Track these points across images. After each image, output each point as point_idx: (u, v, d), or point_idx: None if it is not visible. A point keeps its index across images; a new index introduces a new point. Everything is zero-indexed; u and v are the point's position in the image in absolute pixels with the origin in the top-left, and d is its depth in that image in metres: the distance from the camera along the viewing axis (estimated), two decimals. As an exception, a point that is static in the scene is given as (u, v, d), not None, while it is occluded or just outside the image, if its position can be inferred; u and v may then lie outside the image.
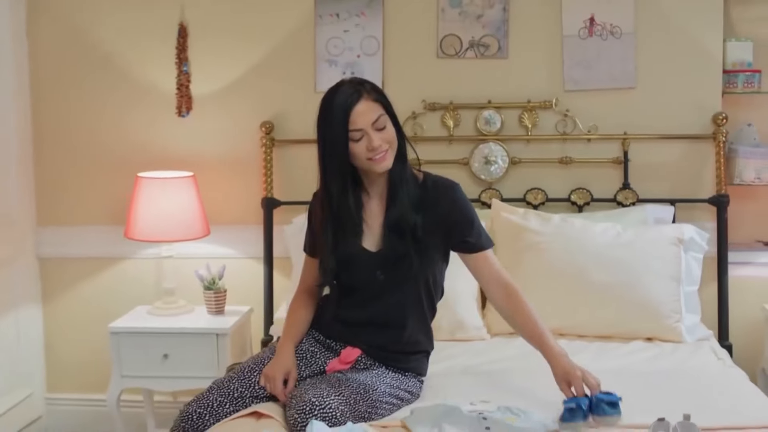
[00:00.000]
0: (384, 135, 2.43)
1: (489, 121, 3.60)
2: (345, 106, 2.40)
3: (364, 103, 2.42)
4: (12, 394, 3.68)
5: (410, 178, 2.56)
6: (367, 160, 2.44)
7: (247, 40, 3.70)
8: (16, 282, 3.74)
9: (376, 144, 2.41)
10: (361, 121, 2.40)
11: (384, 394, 2.42)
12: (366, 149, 2.41)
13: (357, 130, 2.40)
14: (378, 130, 2.42)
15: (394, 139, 2.47)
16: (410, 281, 2.53)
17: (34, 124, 3.82)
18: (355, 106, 2.41)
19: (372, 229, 2.56)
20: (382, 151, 2.43)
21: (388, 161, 2.46)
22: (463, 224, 2.56)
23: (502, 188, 3.61)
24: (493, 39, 3.59)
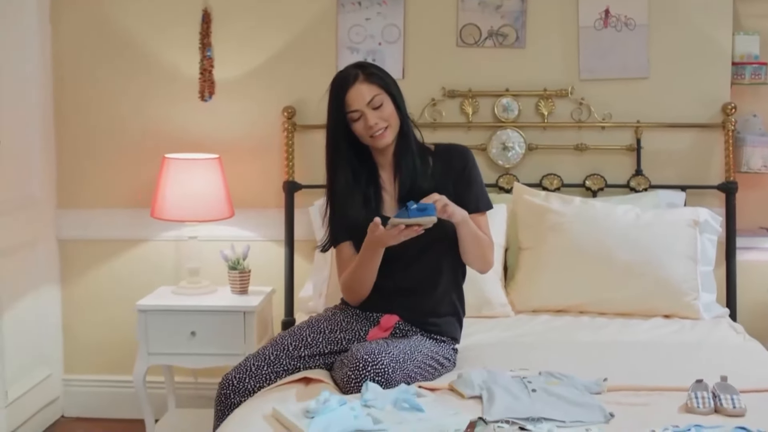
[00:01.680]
0: (380, 113, 2.60)
1: (507, 109, 3.71)
2: (341, 89, 2.62)
3: (359, 85, 2.62)
4: (31, 375, 3.70)
5: (417, 150, 2.70)
6: (369, 138, 2.62)
7: (270, 27, 3.77)
8: (37, 264, 3.76)
9: (371, 123, 2.59)
10: (356, 102, 2.60)
11: (426, 357, 2.51)
12: (364, 128, 2.59)
13: (354, 111, 2.60)
14: (374, 109, 2.60)
15: (392, 117, 2.64)
16: (436, 243, 2.62)
17: (57, 108, 3.86)
18: (349, 88, 2.61)
19: (392, 196, 2.69)
20: (379, 128, 2.60)
21: (388, 138, 2.64)
22: (469, 181, 2.70)
23: (519, 173, 3.71)
24: (512, 29, 3.70)
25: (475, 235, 2.61)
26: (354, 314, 2.70)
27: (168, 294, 3.59)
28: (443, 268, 2.67)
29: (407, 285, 2.66)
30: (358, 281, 2.64)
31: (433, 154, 2.74)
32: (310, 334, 2.62)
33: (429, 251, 2.63)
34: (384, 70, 2.72)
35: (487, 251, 2.67)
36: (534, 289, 3.28)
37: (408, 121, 2.71)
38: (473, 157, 2.77)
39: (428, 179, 2.66)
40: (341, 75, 2.66)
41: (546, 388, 2.33)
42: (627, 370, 2.56)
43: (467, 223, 2.57)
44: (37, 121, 3.74)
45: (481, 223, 2.69)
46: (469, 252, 2.63)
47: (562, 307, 3.26)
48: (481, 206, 2.71)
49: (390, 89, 2.66)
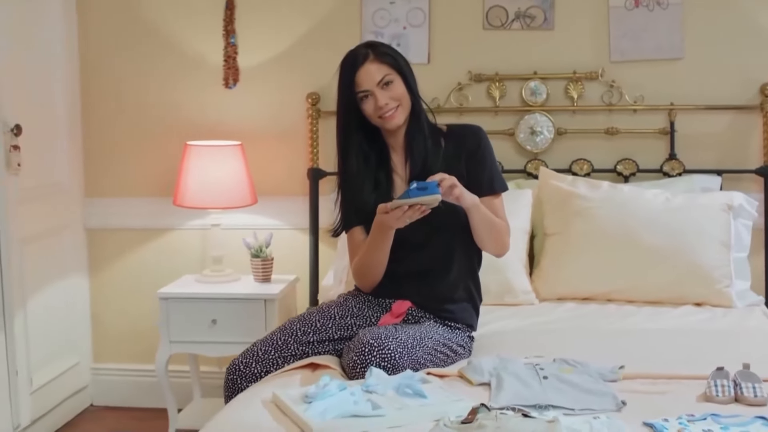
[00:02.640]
0: (390, 93, 2.53)
1: (535, 92, 3.61)
2: (351, 69, 2.55)
3: (369, 65, 2.55)
4: (59, 362, 3.72)
5: (428, 132, 2.63)
6: (378, 118, 2.55)
7: (293, 12, 3.73)
8: (64, 252, 3.78)
9: (381, 103, 2.52)
10: (366, 82, 2.53)
11: (438, 344, 2.44)
12: (374, 108, 2.52)
13: (363, 91, 2.53)
14: (384, 89, 2.53)
15: (403, 97, 2.56)
16: (448, 225, 2.54)
17: (83, 97, 3.87)
18: (359, 68, 2.54)
19: (403, 179, 2.63)
20: (389, 109, 2.54)
21: (398, 119, 2.56)
22: (482, 161, 2.62)
23: (547, 159, 3.61)
24: (539, 10, 3.60)
25: (488, 220, 2.52)
26: (366, 300, 2.64)
27: (191, 282, 3.57)
28: (455, 252, 2.59)
29: (418, 270, 2.59)
30: (369, 266, 2.58)
31: (446, 135, 2.67)
32: (320, 320, 2.57)
33: (439, 234, 2.56)
34: (395, 50, 2.65)
35: (502, 235, 2.58)
36: (559, 276, 3.18)
37: (419, 102, 2.63)
38: (486, 137, 2.68)
39: (440, 161, 2.59)
40: (351, 54, 2.60)
41: (558, 375, 2.24)
42: (648, 358, 2.45)
43: (478, 207, 2.48)
44: (63, 109, 3.76)
45: (496, 206, 2.60)
46: (483, 237, 2.55)
47: (589, 295, 3.16)
48: (496, 187, 2.62)
49: (401, 69, 2.58)
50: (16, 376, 3.31)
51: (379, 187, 2.61)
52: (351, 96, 2.56)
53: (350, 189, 2.62)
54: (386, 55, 2.58)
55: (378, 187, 2.61)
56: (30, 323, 3.45)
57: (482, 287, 3.02)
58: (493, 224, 2.54)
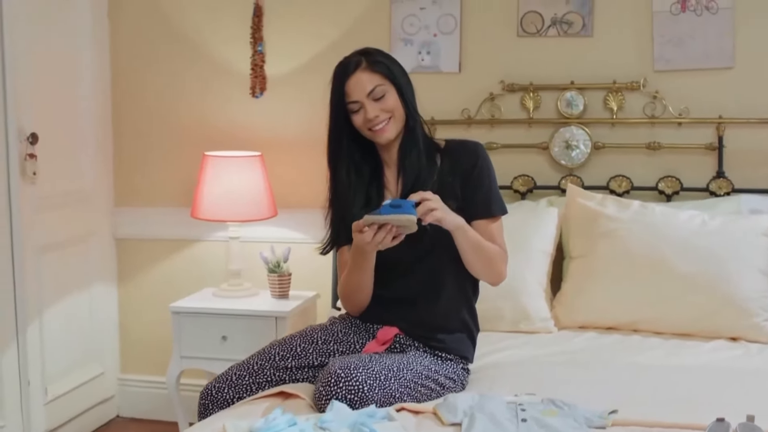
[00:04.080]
0: (382, 105, 2.37)
1: (571, 103, 3.38)
2: (341, 78, 2.40)
3: (360, 74, 2.38)
4: (83, 370, 3.69)
5: (424, 147, 2.44)
6: (368, 131, 2.39)
7: (321, 20, 3.61)
8: (92, 261, 3.75)
9: (370, 115, 2.36)
10: (356, 92, 2.37)
11: (420, 376, 2.25)
12: (363, 121, 2.37)
13: (353, 102, 2.37)
14: (375, 100, 2.36)
15: (396, 109, 2.39)
16: (437, 249, 2.36)
17: (114, 105, 3.85)
18: (350, 77, 2.39)
19: (395, 196, 2.44)
20: (380, 122, 2.37)
21: (389, 132, 2.39)
22: (479, 181, 2.41)
23: (583, 175, 3.37)
24: (577, 16, 3.37)
25: (476, 244, 2.32)
26: (353, 325, 2.49)
27: (207, 296, 3.49)
28: (445, 279, 2.40)
29: (406, 295, 2.42)
30: (352, 288, 2.42)
31: (443, 151, 2.47)
32: (301, 344, 2.42)
33: (428, 259, 2.38)
34: (392, 58, 2.48)
35: (494, 262, 2.37)
36: (581, 302, 2.95)
37: (415, 115, 2.45)
38: (486, 154, 2.47)
39: (433, 178, 2.40)
40: (343, 62, 2.44)
41: (538, 419, 2.03)
42: (655, 400, 2.21)
43: (463, 230, 2.29)
44: (92, 117, 3.73)
45: (491, 230, 2.40)
46: (471, 262, 2.35)
47: (613, 324, 2.91)
48: (492, 210, 2.41)
49: (395, 79, 2.41)
50: (27, 387, 3.28)
51: (369, 203, 2.44)
52: (341, 106, 2.40)
53: (339, 205, 2.48)
54: (379, 64, 2.41)
55: (368, 204, 2.44)
56: (47, 333, 3.43)
57: (496, 313, 2.86)
58: (483, 249, 2.34)
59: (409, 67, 3.45)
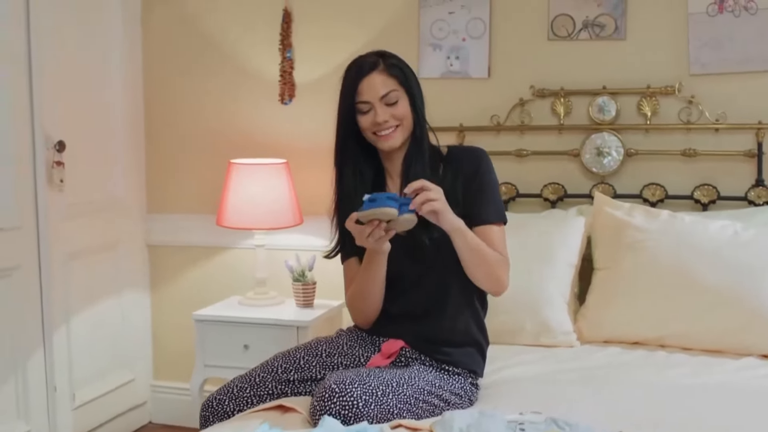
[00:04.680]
0: (393, 111, 2.30)
1: (602, 109, 3.26)
2: (356, 77, 2.32)
3: (376, 76, 2.31)
4: (113, 376, 3.71)
5: (429, 159, 2.37)
6: (372, 135, 2.33)
7: (350, 25, 3.57)
8: (123, 268, 3.77)
9: (380, 119, 2.29)
10: (369, 93, 2.30)
11: (421, 392, 2.18)
12: (371, 123, 2.30)
13: (364, 102, 2.31)
14: (387, 105, 2.30)
15: (406, 117, 2.33)
16: (442, 262, 2.29)
17: (146, 112, 3.87)
18: (365, 77, 2.31)
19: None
20: (388, 127, 2.30)
21: (395, 140, 2.33)
22: (480, 188, 2.33)
23: (616, 183, 3.26)
24: (610, 18, 3.25)
25: (474, 249, 2.23)
26: (359, 337, 2.43)
27: (233, 304, 3.47)
28: (451, 292, 2.32)
29: (412, 310, 2.35)
30: (360, 296, 2.38)
31: (445, 158, 2.40)
32: (304, 357, 2.38)
33: (433, 273, 2.30)
34: (407, 65, 2.40)
35: (494, 268, 2.28)
36: (606, 316, 2.83)
37: (424, 126, 2.38)
38: (488, 161, 2.39)
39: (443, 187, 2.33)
40: (358, 60, 2.36)
41: (538, 438, 1.95)
42: (669, 423, 2.10)
43: (462, 233, 2.20)
44: (123, 124, 3.75)
45: (491, 237, 2.31)
46: (470, 267, 2.26)
47: (639, 339, 2.79)
48: (492, 217, 2.32)
49: (410, 86, 2.34)
50: (54, 392, 3.30)
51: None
52: (351, 105, 2.33)
53: (345, 210, 2.40)
54: (396, 69, 2.34)
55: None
56: (75, 339, 3.45)
57: (516, 325, 2.78)
58: (482, 254, 2.25)
59: (437, 73, 3.44)
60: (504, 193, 3.34)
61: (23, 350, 3.17)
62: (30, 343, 3.20)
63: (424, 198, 2.11)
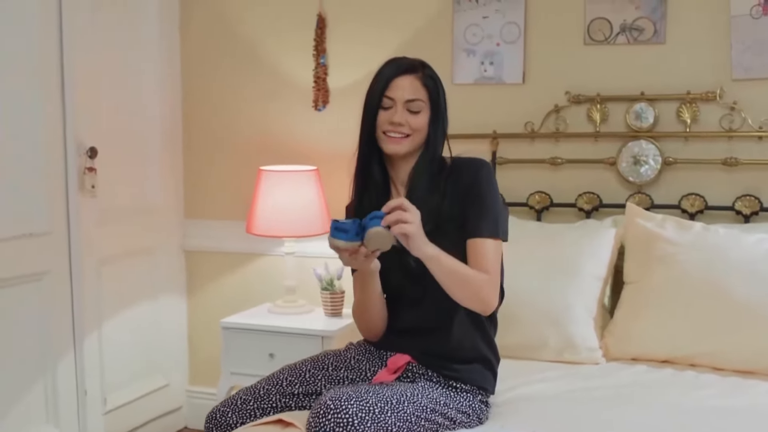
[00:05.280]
0: (411, 119, 2.25)
1: (640, 116, 3.14)
2: (392, 71, 2.28)
3: (411, 79, 2.27)
4: (146, 381, 3.73)
5: (434, 177, 2.29)
6: (383, 133, 2.27)
7: (384, 30, 3.52)
8: (159, 273, 3.79)
9: (396, 119, 2.24)
10: (397, 92, 2.26)
11: (423, 410, 2.11)
12: (387, 120, 2.25)
13: (390, 98, 2.26)
14: (409, 111, 2.25)
15: (421, 130, 2.27)
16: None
17: (184, 117, 3.88)
18: (401, 75, 2.27)
19: None
20: (399, 132, 2.25)
21: (401, 147, 2.27)
22: (475, 199, 2.23)
23: (653, 193, 3.13)
24: (648, 21, 3.13)
25: (452, 273, 2.13)
26: (367, 351, 2.37)
27: (262, 312, 3.46)
28: (456, 307, 2.21)
29: (418, 325, 2.29)
30: (359, 309, 2.35)
31: (448, 171, 2.31)
32: (310, 370, 2.33)
33: (433, 289, 2.19)
34: (441, 83, 2.32)
35: (478, 290, 2.16)
36: (633, 332, 2.72)
37: (439, 145, 2.31)
38: (487, 172, 2.27)
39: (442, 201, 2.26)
40: (400, 59, 2.33)
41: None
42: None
43: (434, 260, 2.10)
44: (162, 129, 3.77)
45: (480, 252, 2.19)
46: (449, 290, 2.16)
47: (668, 357, 2.67)
48: (484, 231, 2.20)
49: (436, 105, 2.28)
50: (84, 396, 3.33)
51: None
52: (378, 98, 2.27)
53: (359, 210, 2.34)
54: (431, 81, 2.28)
55: None
56: (107, 344, 3.47)
57: (539, 341, 2.69)
58: (461, 276, 2.14)
59: (471, 78, 3.37)
60: (538, 202, 3.24)
61: (53, 354, 3.20)
62: (60, 347, 3.23)
63: (396, 217, 2.03)
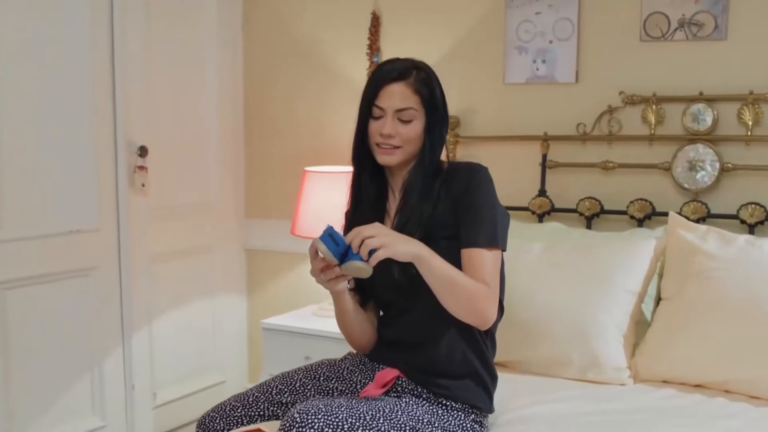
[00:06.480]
0: (402, 129, 2.12)
1: (696, 117, 2.91)
2: (381, 79, 2.15)
3: (401, 86, 2.13)
4: (202, 378, 3.77)
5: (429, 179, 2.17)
6: (375, 144, 2.16)
7: (437, 28, 3.41)
8: (217, 271, 3.83)
9: (385, 131, 2.12)
10: (386, 101, 2.13)
11: (402, 427, 1.99)
12: (378, 131, 2.14)
13: (379, 107, 2.13)
14: (400, 120, 2.12)
15: (411, 142, 2.14)
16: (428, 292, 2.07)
17: (245, 117, 3.90)
18: (389, 83, 2.13)
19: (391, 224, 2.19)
20: (388, 144, 2.13)
21: (392, 158, 2.16)
22: (469, 206, 2.09)
23: (710, 201, 2.90)
24: (709, 16, 2.90)
25: (444, 278, 2.00)
26: (361, 363, 2.29)
27: (306, 314, 3.42)
28: (446, 320, 2.09)
29: (406, 337, 2.19)
30: (338, 321, 2.29)
31: (443, 176, 2.19)
32: (301, 380, 2.27)
33: (421, 299, 2.09)
34: (438, 83, 2.19)
35: (474, 302, 2.03)
36: (666, 352, 2.50)
37: (435, 153, 2.19)
38: (484, 178, 2.13)
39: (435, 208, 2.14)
40: (390, 64, 2.18)
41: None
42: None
43: (423, 260, 1.97)
44: (221, 128, 3.80)
45: (477, 262, 2.05)
46: (442, 299, 2.03)
47: (701, 382, 2.45)
48: (480, 241, 2.07)
49: (432, 111, 2.15)
50: (132, 390, 3.39)
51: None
52: (368, 105, 2.17)
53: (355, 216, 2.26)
54: (424, 86, 2.14)
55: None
56: (158, 339, 3.52)
57: (562, 357, 2.55)
58: (455, 284, 2.01)
59: (523, 78, 3.23)
60: (587, 209, 3.06)
61: (100, 348, 3.27)
62: (108, 342, 3.30)
63: (358, 241, 1.92)
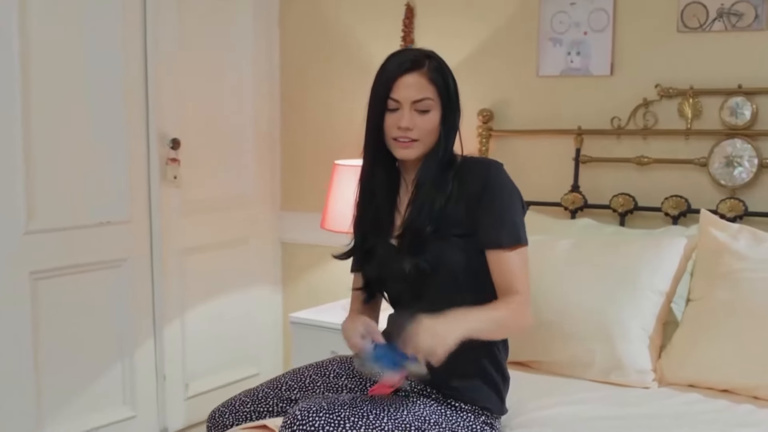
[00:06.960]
0: (420, 121, 2.05)
1: (735, 111, 2.80)
2: (394, 71, 2.08)
3: (416, 77, 2.06)
4: (235, 369, 3.77)
5: (443, 170, 2.10)
6: (392, 139, 2.09)
7: (471, 19, 3.36)
8: (252, 263, 3.83)
9: (403, 124, 2.05)
10: (402, 93, 2.05)
11: (406, 427, 1.96)
12: (394, 124, 2.07)
13: (395, 100, 2.06)
14: (418, 112, 2.05)
15: (429, 134, 2.07)
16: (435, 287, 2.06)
17: (282, 110, 3.89)
18: (404, 75, 2.06)
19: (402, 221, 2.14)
20: (408, 136, 2.06)
21: (411, 152, 2.08)
22: (487, 206, 2.03)
23: (748, 198, 2.79)
24: (749, 5, 2.79)
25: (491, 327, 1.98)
26: (372, 359, 2.26)
27: (336, 308, 3.40)
28: None
29: None
30: None
31: (455, 170, 2.13)
32: (311, 376, 2.26)
33: (428, 298, 2.06)
34: (451, 73, 2.13)
35: (513, 327, 2.02)
36: (692, 355, 2.41)
37: (450, 144, 2.12)
38: (500, 176, 2.07)
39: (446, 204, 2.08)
40: (402, 54, 2.13)
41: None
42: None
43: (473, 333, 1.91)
44: (257, 121, 3.80)
45: (505, 266, 2.01)
46: (493, 338, 2.07)
47: (729, 386, 2.35)
48: (504, 241, 2.02)
49: (447, 101, 2.09)
50: (163, 381, 3.42)
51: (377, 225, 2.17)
52: (383, 99, 2.09)
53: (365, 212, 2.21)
54: (438, 75, 2.09)
55: (376, 226, 2.18)
56: (190, 331, 3.54)
57: (584, 357, 2.48)
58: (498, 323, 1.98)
59: (557, 70, 3.16)
60: (621, 205, 2.97)
61: (132, 338, 3.30)
62: (139, 332, 3.33)
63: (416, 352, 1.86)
